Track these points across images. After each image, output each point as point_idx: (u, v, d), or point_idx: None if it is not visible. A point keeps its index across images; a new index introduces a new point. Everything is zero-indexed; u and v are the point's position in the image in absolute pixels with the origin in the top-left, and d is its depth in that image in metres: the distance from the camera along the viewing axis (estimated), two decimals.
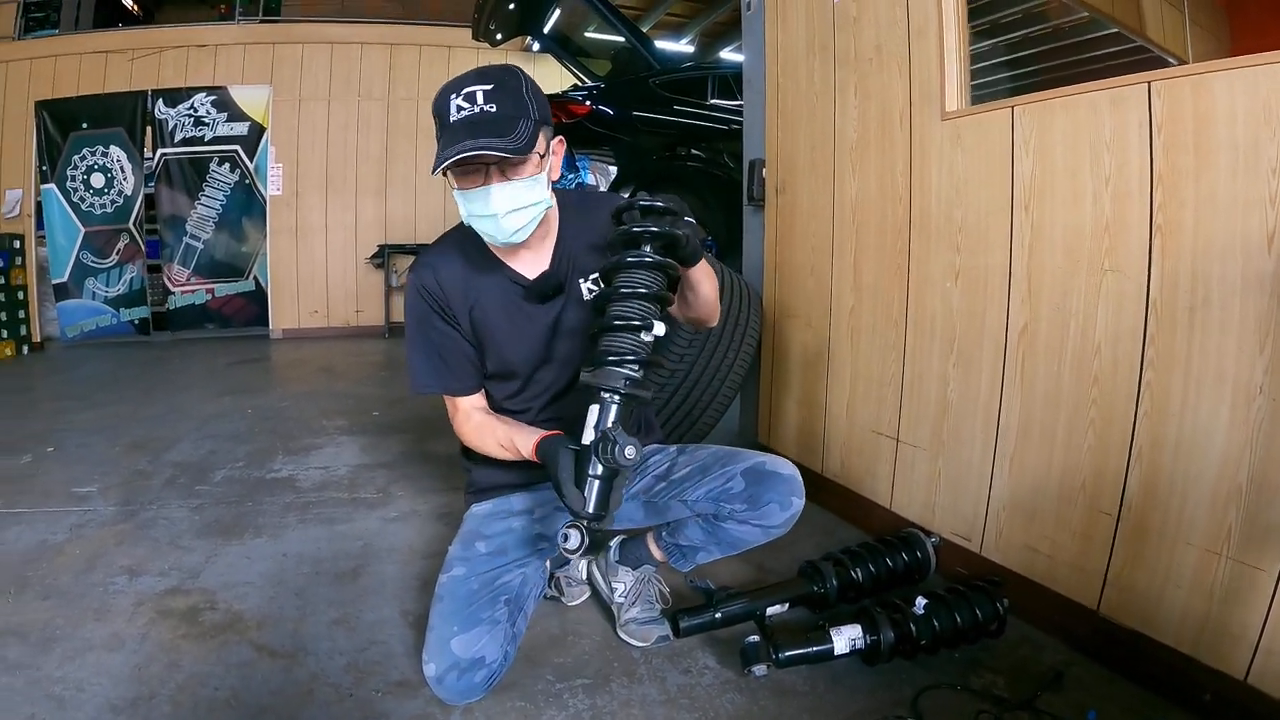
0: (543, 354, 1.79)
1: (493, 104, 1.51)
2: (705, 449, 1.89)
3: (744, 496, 1.74)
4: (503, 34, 6.12)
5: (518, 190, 1.55)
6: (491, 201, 1.55)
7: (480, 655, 1.57)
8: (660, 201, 1.46)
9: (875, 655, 1.73)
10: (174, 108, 7.48)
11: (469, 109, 1.51)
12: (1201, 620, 1.59)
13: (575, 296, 1.77)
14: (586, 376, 1.49)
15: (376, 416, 4.26)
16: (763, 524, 1.76)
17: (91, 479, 3.13)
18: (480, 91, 1.52)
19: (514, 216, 1.57)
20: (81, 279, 7.48)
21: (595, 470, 1.44)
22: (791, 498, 1.75)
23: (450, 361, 1.77)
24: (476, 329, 1.76)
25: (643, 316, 1.48)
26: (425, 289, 1.75)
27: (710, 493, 1.78)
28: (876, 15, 2.37)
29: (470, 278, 1.75)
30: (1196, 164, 1.55)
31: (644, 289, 1.48)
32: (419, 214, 8.19)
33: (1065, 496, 1.86)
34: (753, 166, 3.10)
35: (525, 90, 1.57)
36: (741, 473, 1.76)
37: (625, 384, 1.46)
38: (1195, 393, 1.58)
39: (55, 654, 1.81)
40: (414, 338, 1.79)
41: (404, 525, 2.64)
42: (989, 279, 2.03)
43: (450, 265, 1.76)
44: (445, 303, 1.74)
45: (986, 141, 2.02)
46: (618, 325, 1.48)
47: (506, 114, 1.51)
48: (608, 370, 1.47)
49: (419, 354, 1.79)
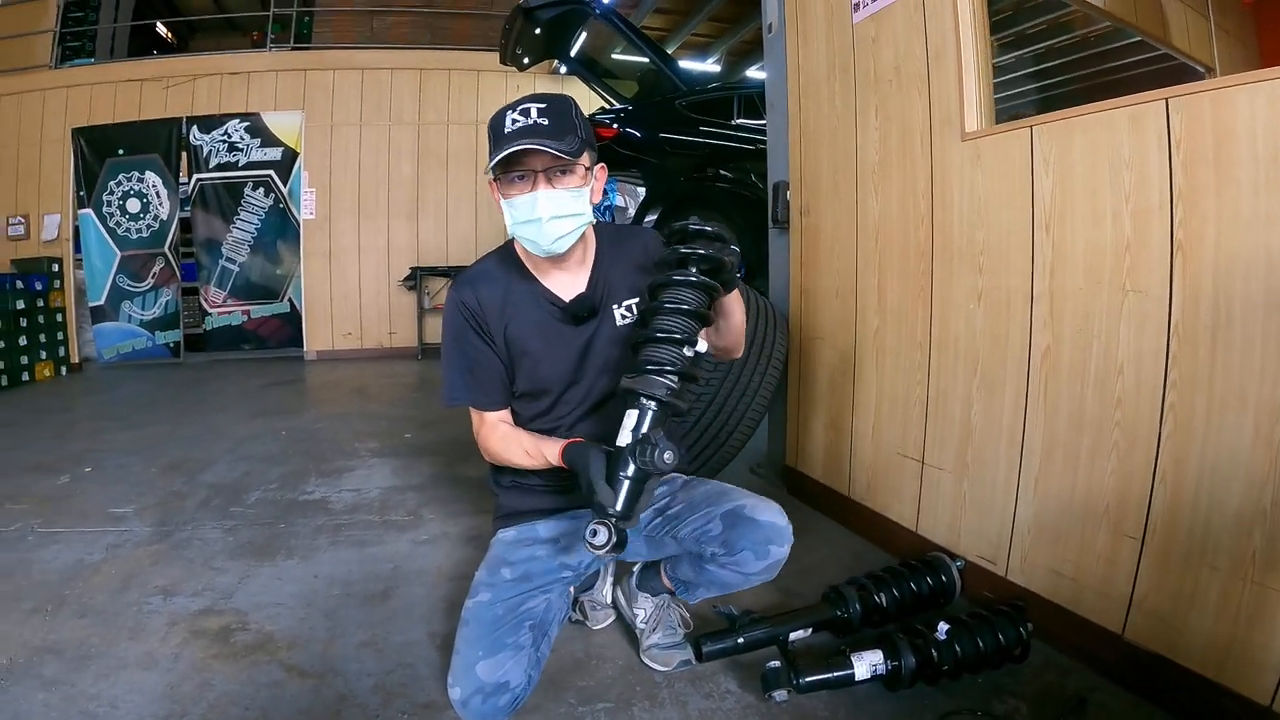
0: (573, 374, 1.81)
1: (546, 118, 1.59)
2: (703, 485, 1.89)
3: (720, 540, 1.74)
4: (530, 58, 6.18)
5: (563, 198, 1.63)
6: (538, 206, 1.61)
7: (505, 680, 1.59)
8: (710, 227, 1.53)
9: (897, 680, 1.72)
10: (208, 134, 7.67)
11: (523, 120, 1.59)
12: (1226, 645, 1.56)
13: (608, 321, 1.81)
14: (628, 382, 1.55)
15: (409, 439, 4.31)
16: (739, 570, 1.75)
17: (128, 500, 3.20)
18: (535, 107, 1.60)
19: (557, 223, 1.63)
20: (118, 302, 7.68)
21: (628, 471, 1.48)
22: (769, 546, 1.72)
23: (481, 377, 1.81)
24: (510, 347, 1.80)
25: (685, 331, 1.54)
26: (464, 304, 1.80)
27: (694, 532, 1.78)
28: (895, 37, 2.39)
29: (509, 296, 1.80)
30: (1217, 180, 1.54)
31: (688, 306, 1.54)
32: (450, 237, 8.29)
33: (1089, 519, 1.85)
34: (777, 189, 3.11)
35: (575, 114, 1.65)
36: (721, 515, 1.75)
37: (665, 393, 1.51)
38: (1219, 414, 1.56)
39: (90, 672, 1.86)
40: (449, 351, 1.84)
41: (434, 548, 2.67)
42: (1011, 300, 2.03)
43: (490, 283, 1.81)
44: (482, 319, 1.79)
45: (1006, 161, 2.02)
46: (660, 337, 1.54)
47: (558, 126, 1.59)
48: (648, 378, 1.52)
49: (453, 367, 1.83)
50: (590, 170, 1.69)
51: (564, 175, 1.63)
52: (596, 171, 1.73)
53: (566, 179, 1.64)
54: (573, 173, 1.64)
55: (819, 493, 2.90)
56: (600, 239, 1.86)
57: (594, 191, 1.72)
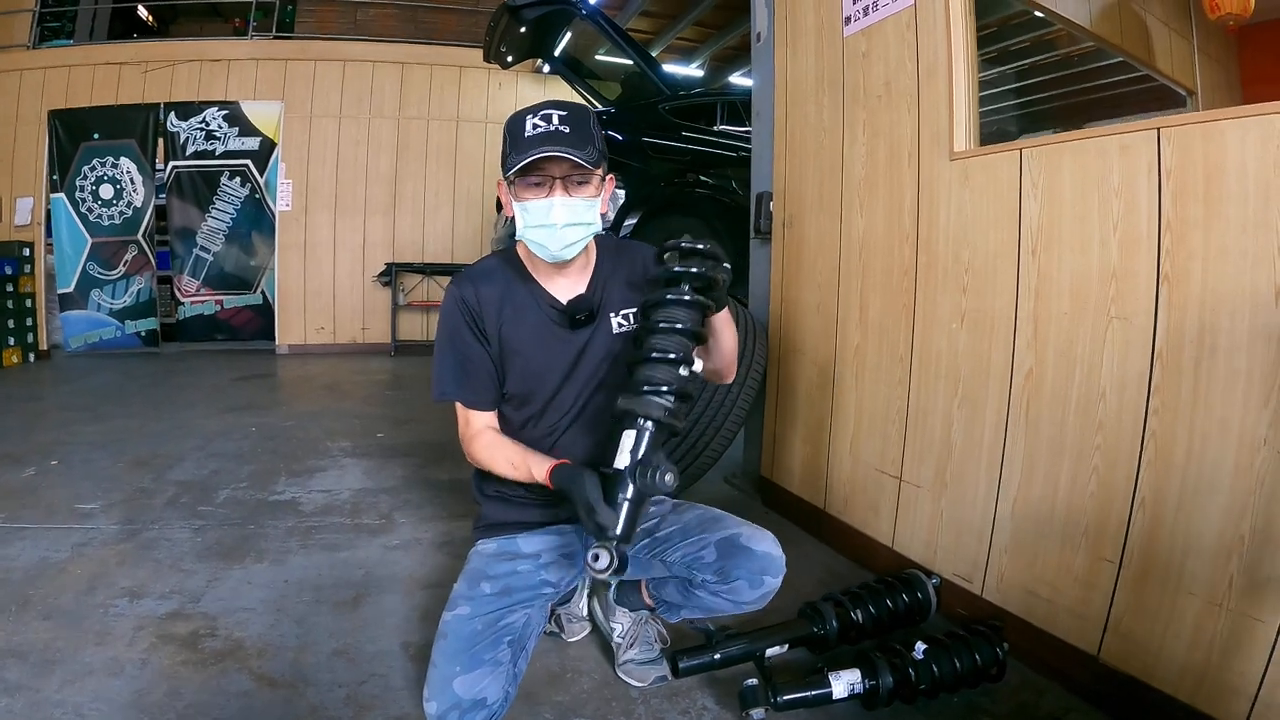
0: (566, 378, 1.81)
1: (566, 126, 1.60)
2: (694, 510, 1.88)
3: (714, 568, 1.73)
4: (514, 56, 6.13)
5: (578, 207, 1.65)
6: (553, 213, 1.63)
7: (482, 696, 1.56)
8: (703, 245, 1.52)
9: (874, 700, 1.72)
10: (186, 121, 7.57)
11: (545, 126, 1.60)
12: (1201, 670, 1.58)
13: (604, 328, 1.81)
14: (625, 402, 1.53)
15: (381, 439, 4.27)
16: (731, 599, 1.75)
17: (95, 495, 3.13)
18: (556, 114, 1.61)
19: (570, 231, 1.65)
20: (87, 290, 7.56)
21: (626, 493, 1.47)
22: (764, 576, 1.72)
23: (473, 374, 1.80)
24: (504, 347, 1.79)
25: (680, 350, 1.53)
26: (464, 300, 1.79)
27: (685, 558, 1.77)
28: (886, 53, 2.39)
29: (507, 297, 1.80)
30: (1206, 214, 1.55)
31: (681, 325, 1.53)
32: (427, 234, 8.25)
33: (1068, 542, 1.86)
34: (760, 199, 3.10)
35: (594, 125, 1.66)
36: (715, 543, 1.74)
37: (663, 413, 1.50)
38: (1200, 442, 1.58)
39: (55, 677, 1.81)
40: (443, 345, 1.83)
41: (406, 554, 2.63)
42: (995, 321, 2.04)
43: (491, 282, 1.81)
44: (480, 317, 1.78)
45: (995, 183, 2.03)
46: (655, 358, 1.53)
47: (579, 135, 1.60)
48: (645, 399, 1.51)
49: (445, 362, 1.81)
50: (602, 183, 1.72)
51: (580, 185, 1.65)
52: (606, 183, 1.75)
53: (582, 189, 1.66)
54: (589, 183, 1.66)
55: (795, 505, 2.90)
56: (600, 249, 1.87)
57: (603, 201, 1.74)
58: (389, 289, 8.06)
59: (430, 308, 8.19)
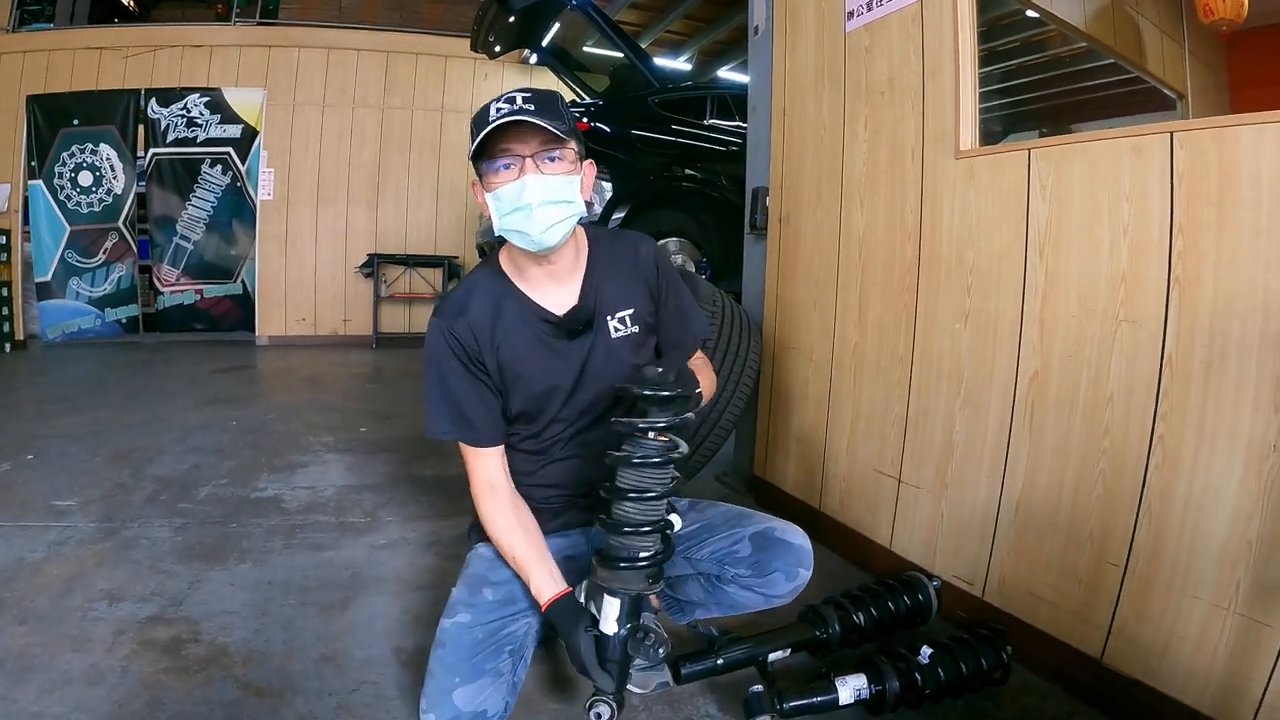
0: (570, 392, 1.76)
1: (532, 104, 1.52)
2: (715, 506, 1.87)
3: (749, 562, 1.72)
4: (501, 46, 6.08)
5: (553, 183, 1.56)
6: (526, 191, 1.54)
7: (483, 709, 1.51)
8: (667, 390, 1.46)
9: (880, 705, 1.69)
10: (166, 107, 7.47)
11: (508, 108, 1.52)
12: (1206, 674, 1.56)
13: (604, 333, 1.75)
14: (603, 576, 1.52)
15: (364, 433, 4.20)
16: (766, 592, 1.75)
17: (71, 491, 3.05)
18: (520, 95, 1.54)
19: (547, 210, 1.55)
20: (66, 279, 7.43)
21: (617, 657, 1.51)
22: (799, 569, 1.73)
23: (470, 413, 1.72)
24: (504, 370, 1.72)
25: (655, 518, 1.51)
26: (452, 334, 1.70)
27: (715, 553, 1.76)
28: (890, 48, 2.35)
29: (499, 318, 1.72)
30: (1218, 219, 1.53)
31: (655, 492, 1.50)
32: (410, 225, 8.18)
33: (1072, 545, 1.84)
34: (756, 194, 3.07)
35: (562, 105, 1.59)
36: (750, 537, 1.74)
37: (646, 584, 1.50)
38: (1208, 448, 1.56)
39: (32, 686, 1.74)
40: (432, 385, 1.74)
41: (393, 553, 2.58)
42: (1000, 323, 2.01)
43: (476, 307, 1.72)
44: (474, 350, 1.70)
45: (1001, 183, 2.00)
46: (629, 532, 1.50)
47: (547, 110, 1.53)
48: (625, 575, 1.50)
49: (436, 401, 1.73)
50: (579, 163, 1.63)
51: (553, 161, 1.57)
52: (586, 167, 1.67)
53: (556, 164, 1.57)
54: (563, 158, 1.58)
55: (789, 505, 2.86)
56: (592, 244, 1.80)
57: (584, 186, 1.66)
58: (371, 280, 7.97)
59: (413, 300, 8.12)
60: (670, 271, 1.87)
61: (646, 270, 1.81)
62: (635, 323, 1.79)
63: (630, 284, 1.78)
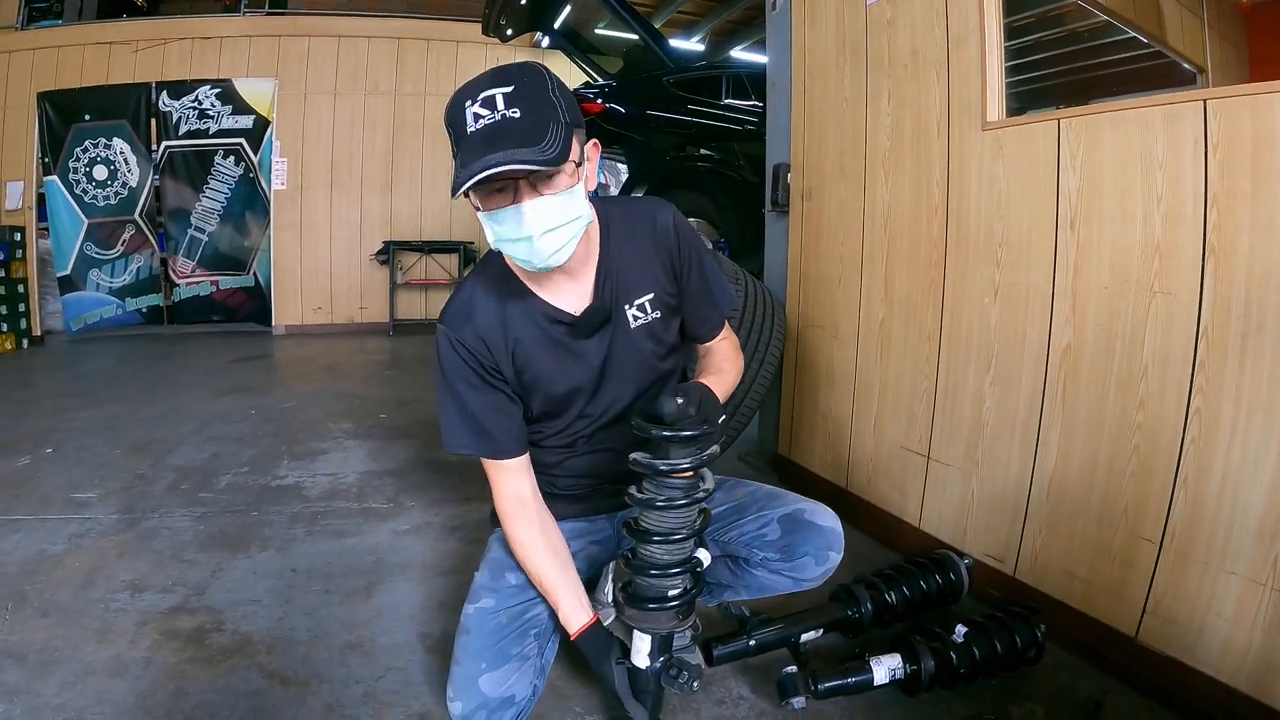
0: (593, 392, 1.68)
1: (515, 108, 1.32)
2: (743, 486, 1.83)
3: (778, 545, 1.68)
4: (513, 29, 6.06)
5: (552, 206, 1.37)
6: (525, 223, 1.36)
7: (510, 694, 1.49)
8: (689, 429, 1.39)
9: (915, 685, 1.66)
10: (178, 100, 7.45)
11: (488, 115, 1.32)
12: (1244, 651, 1.54)
13: (622, 325, 1.65)
14: (633, 615, 1.49)
15: (383, 419, 4.19)
16: (795, 575, 1.71)
17: (91, 484, 3.06)
18: (500, 95, 1.33)
19: (551, 237, 1.39)
20: (85, 270, 7.45)
21: (649, 688, 1.50)
22: (829, 552, 1.69)
23: (488, 424, 1.62)
24: (521, 375, 1.62)
25: (683, 561, 1.48)
26: (462, 344, 1.58)
27: (743, 536, 1.72)
28: (913, 19, 2.30)
29: (509, 318, 1.60)
30: (1254, 188, 1.49)
31: (684, 532, 1.46)
32: (425, 210, 8.15)
33: (1106, 521, 1.81)
34: (777, 171, 3.02)
35: (551, 90, 1.38)
36: (779, 519, 1.70)
37: (675, 623, 1.48)
38: (1245, 421, 1.53)
39: (55, 679, 1.73)
40: (445, 398, 1.63)
41: (416, 539, 2.57)
42: (1030, 296, 1.97)
43: (485, 308, 1.60)
44: (488, 358, 1.59)
45: (1030, 155, 1.95)
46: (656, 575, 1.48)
47: (533, 119, 1.32)
48: (653, 614, 1.48)
49: (451, 414, 1.63)
50: (581, 162, 1.43)
51: (551, 179, 1.37)
52: (589, 151, 1.49)
53: (554, 182, 1.37)
54: (561, 173, 1.37)
55: (815, 484, 2.83)
56: (606, 223, 1.63)
57: (588, 179, 1.48)
58: (386, 268, 7.96)
59: (429, 286, 8.10)
60: (692, 239, 1.70)
61: (666, 241, 1.65)
62: (656, 307, 1.67)
63: (649, 263, 1.65)
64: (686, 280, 1.70)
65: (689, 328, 1.77)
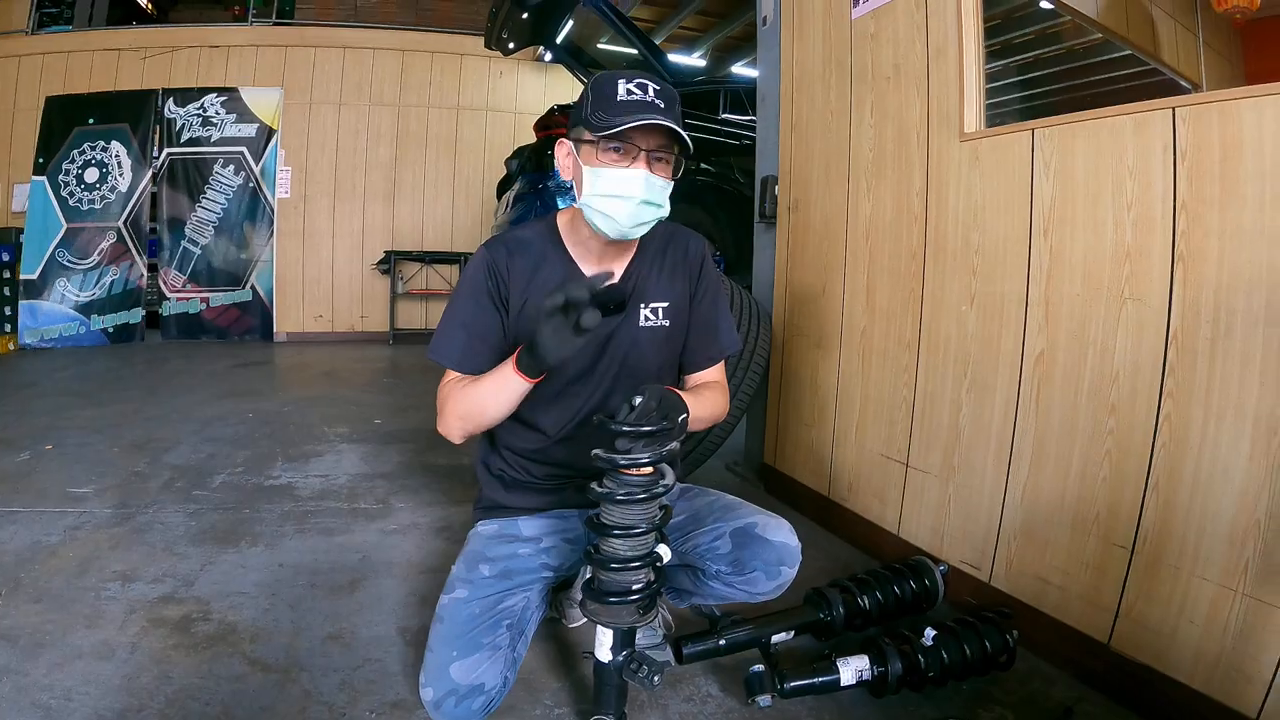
0: (586, 371, 1.74)
1: (662, 101, 1.51)
2: (705, 496, 1.85)
3: (729, 559, 1.70)
4: (515, 43, 6.11)
5: (660, 186, 1.56)
6: (634, 185, 1.53)
7: (480, 682, 1.52)
8: (648, 424, 1.41)
9: (882, 687, 1.68)
10: (184, 107, 7.52)
11: (639, 94, 1.50)
12: (1215, 657, 1.55)
13: (632, 319, 1.74)
14: (595, 610, 1.50)
15: (378, 425, 4.23)
16: (747, 589, 1.73)
17: (88, 479, 3.10)
18: (651, 86, 1.52)
19: (645, 209, 1.56)
20: (53, 279, 7.33)
21: (614, 681, 1.51)
22: (780, 567, 1.70)
23: (477, 342, 1.69)
24: (522, 325, 1.69)
25: (644, 555, 1.49)
26: (495, 264, 1.69)
27: (698, 548, 1.74)
28: (895, 33, 2.34)
29: (539, 271, 1.71)
30: (1222, 193, 1.52)
31: (643, 526, 1.48)
32: (426, 222, 8.22)
33: (1079, 527, 1.82)
34: (765, 183, 3.06)
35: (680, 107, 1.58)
36: (730, 533, 1.71)
37: (637, 617, 1.49)
38: (1215, 425, 1.54)
39: (44, 660, 1.77)
40: (457, 304, 1.72)
41: (403, 538, 2.60)
42: (1005, 304, 2.00)
43: (525, 253, 1.72)
44: (505, 285, 1.69)
45: (1006, 164, 1.99)
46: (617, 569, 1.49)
47: (673, 113, 1.52)
48: (615, 609, 1.49)
49: (455, 322, 1.71)
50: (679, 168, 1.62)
51: (662, 164, 1.57)
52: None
53: (665, 167, 1.58)
54: (669, 164, 1.58)
55: (799, 492, 2.86)
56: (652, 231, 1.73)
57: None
58: (388, 277, 8.02)
59: (429, 296, 8.16)
60: (713, 277, 1.86)
61: (692, 265, 1.81)
62: (668, 316, 1.77)
63: (673, 277, 1.78)
64: (698, 304, 1.82)
65: (685, 352, 1.85)
